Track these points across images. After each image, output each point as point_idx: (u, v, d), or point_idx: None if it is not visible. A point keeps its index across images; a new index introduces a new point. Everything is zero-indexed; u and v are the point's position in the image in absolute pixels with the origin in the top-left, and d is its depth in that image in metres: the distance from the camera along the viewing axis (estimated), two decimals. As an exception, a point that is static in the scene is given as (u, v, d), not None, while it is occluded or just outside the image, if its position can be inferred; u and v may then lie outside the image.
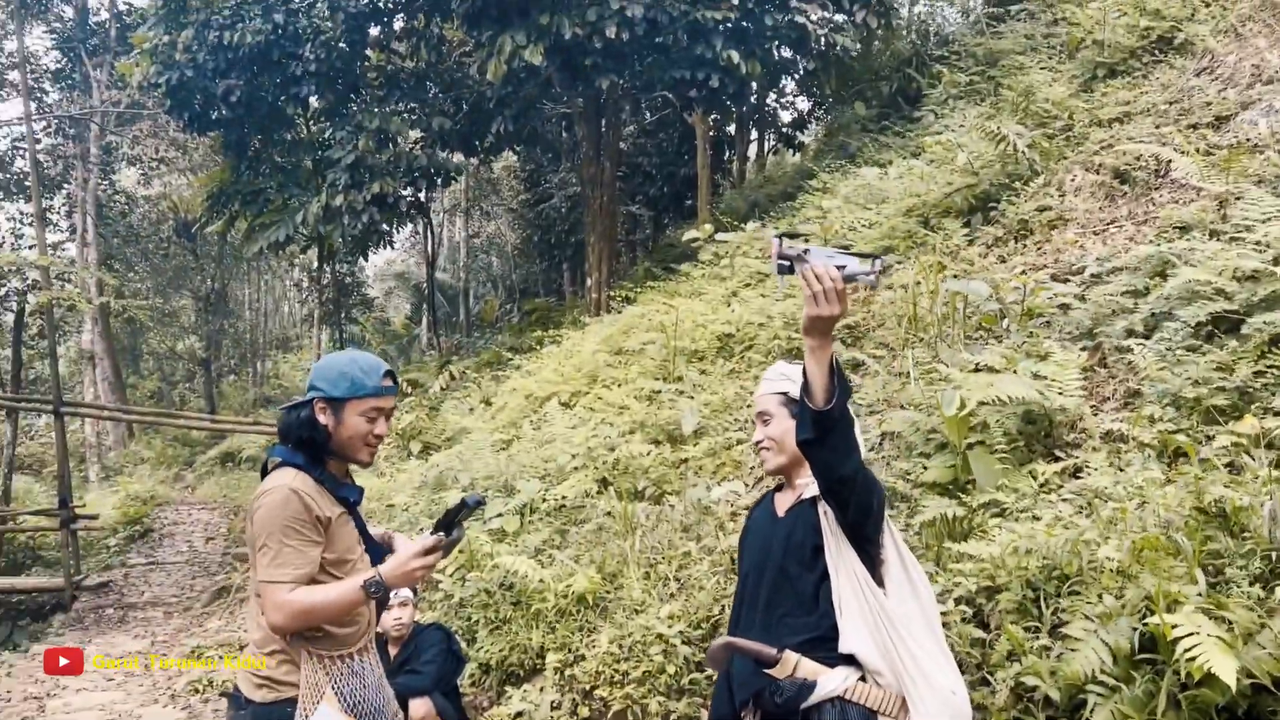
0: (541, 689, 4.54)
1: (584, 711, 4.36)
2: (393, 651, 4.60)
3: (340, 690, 2.44)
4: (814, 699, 2.36)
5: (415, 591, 4.82)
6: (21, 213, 23.14)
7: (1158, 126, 7.07)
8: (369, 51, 15.42)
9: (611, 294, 12.63)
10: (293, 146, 15.82)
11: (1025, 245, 6.78)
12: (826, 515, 2.44)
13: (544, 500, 6.03)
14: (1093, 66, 8.77)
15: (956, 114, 10.45)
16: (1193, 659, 2.40)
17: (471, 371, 13.30)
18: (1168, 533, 2.89)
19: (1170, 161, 5.89)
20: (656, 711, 4.06)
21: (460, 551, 5.73)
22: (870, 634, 2.37)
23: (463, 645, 5.00)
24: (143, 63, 13.95)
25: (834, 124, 16.25)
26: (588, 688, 4.38)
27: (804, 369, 2.25)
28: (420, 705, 4.37)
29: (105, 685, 7.23)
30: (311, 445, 2.53)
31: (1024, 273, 6.15)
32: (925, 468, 4.37)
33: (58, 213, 25.14)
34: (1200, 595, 2.64)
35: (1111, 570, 2.93)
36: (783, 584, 2.49)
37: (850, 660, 2.39)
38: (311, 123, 16.41)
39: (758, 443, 2.65)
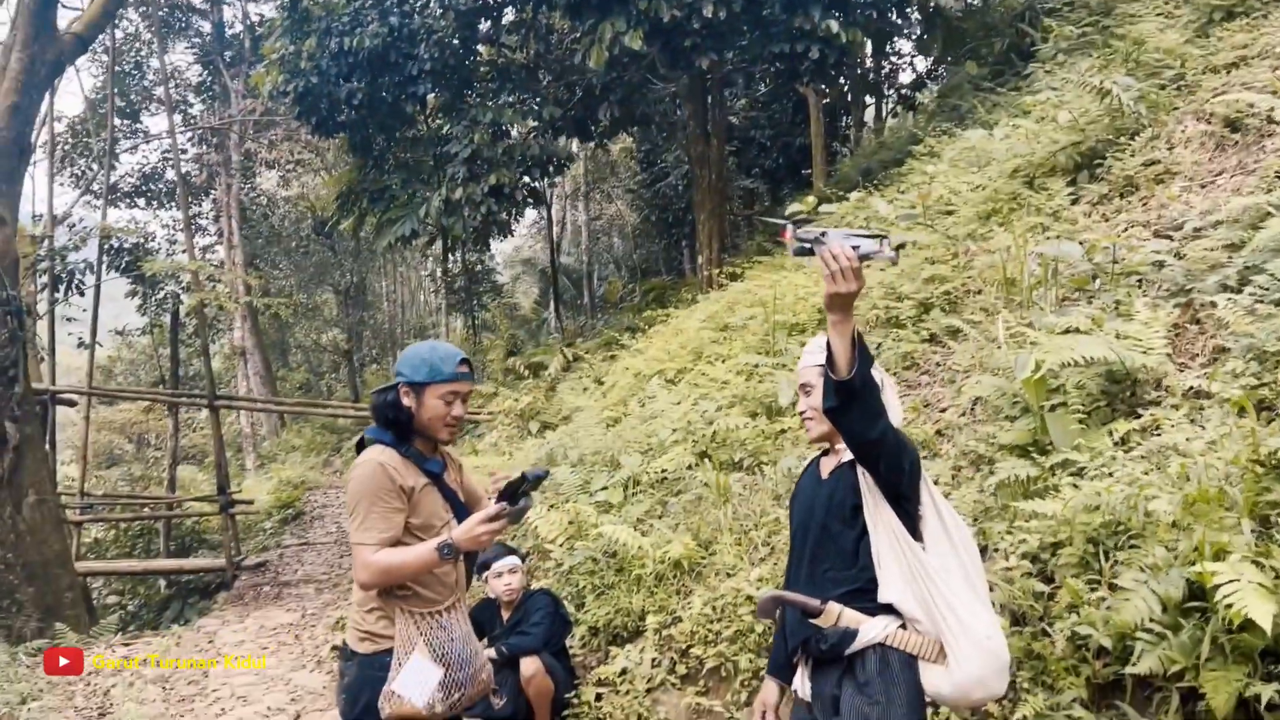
0: (642, 649, 4.83)
1: (681, 669, 4.62)
2: (505, 615, 4.98)
3: (430, 642, 2.77)
4: (857, 645, 2.55)
5: (524, 559, 5.18)
6: (175, 219, 24.83)
7: (1275, 70, 6.80)
8: (480, 47, 15.93)
9: (720, 271, 12.79)
10: (413, 143, 16.51)
11: (1130, 202, 6.63)
12: (865, 476, 2.61)
13: (646, 473, 6.31)
14: (1209, 10, 8.42)
15: (1067, 68, 10.16)
16: (1230, 605, 2.48)
17: (589, 353, 13.69)
18: (1222, 485, 2.93)
19: (1273, 109, 5.69)
20: (746, 668, 4.28)
21: (570, 523, 6.08)
22: (907, 585, 2.54)
23: (570, 609, 5.34)
24: (272, 72, 14.81)
25: (947, 85, 15.91)
26: (684, 647, 4.64)
27: (827, 341, 2.42)
28: (530, 663, 4.72)
29: (258, 653, 7.92)
30: (397, 424, 2.86)
31: (1126, 230, 6.05)
32: (1006, 430, 4.44)
33: (206, 217, 26.85)
34: (1248, 545, 2.69)
35: (1167, 523, 2.99)
36: (825, 541, 2.68)
37: (890, 610, 2.57)
38: (429, 119, 17.07)
39: (801, 413, 2.83)
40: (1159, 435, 3.86)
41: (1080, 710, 2.92)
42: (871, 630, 2.55)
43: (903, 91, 19.32)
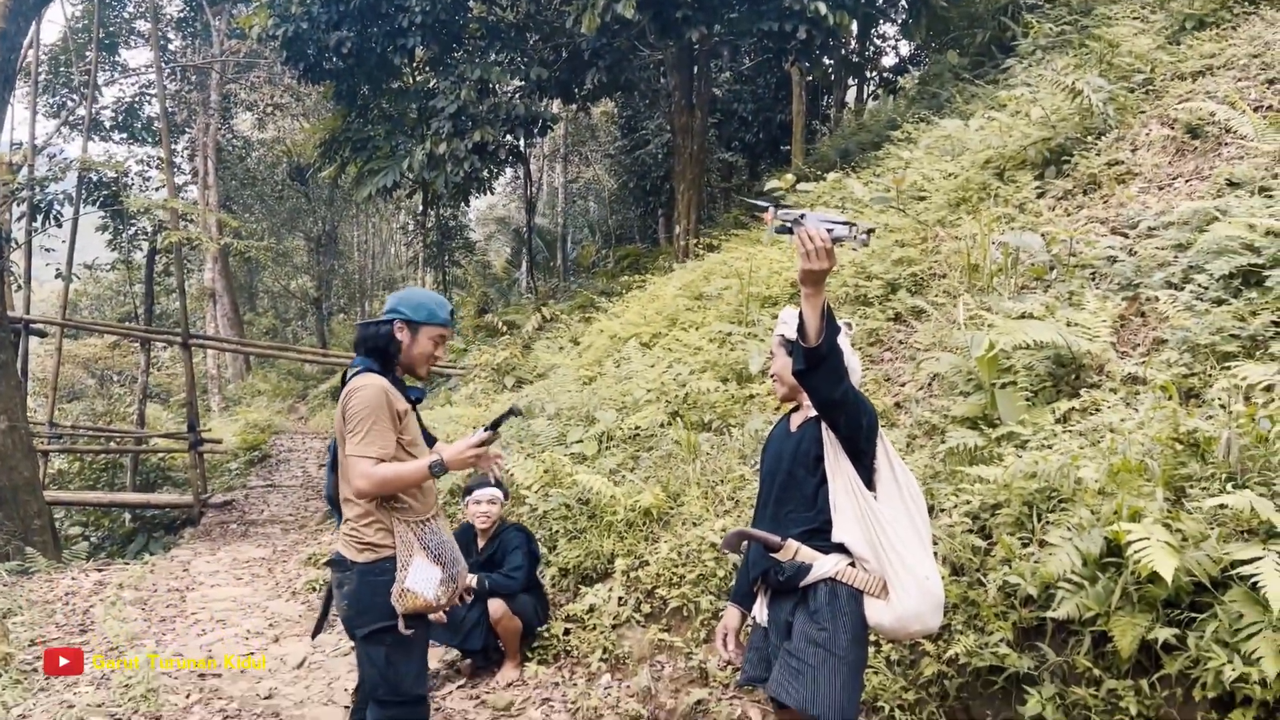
0: (610, 589, 5.17)
1: (646, 608, 4.97)
2: (480, 543, 5.34)
3: (427, 545, 3.14)
4: (810, 579, 2.89)
5: (506, 494, 5.49)
6: (150, 156, 24.58)
7: (1238, 81, 7.15)
8: (471, 3, 15.97)
9: (698, 241, 13.07)
10: (399, 96, 16.54)
11: (1092, 199, 6.98)
12: (827, 431, 2.94)
13: (620, 429, 6.63)
14: (1182, 18, 8.76)
15: (1044, 65, 10.48)
16: (1140, 560, 2.83)
17: (564, 314, 13.94)
18: (1144, 459, 3.29)
19: (1230, 120, 6.05)
20: (707, 608, 4.63)
21: (546, 471, 6.39)
22: (859, 528, 2.88)
23: (543, 550, 5.67)
24: (261, 14, 14.77)
25: (928, 72, 16.22)
26: (650, 588, 4.99)
27: (799, 312, 2.73)
28: (496, 605, 5.04)
29: (234, 582, 8.18)
30: (385, 355, 3.19)
31: (1086, 225, 6.41)
32: (959, 404, 4.79)
33: (180, 156, 26.61)
34: (1160, 510, 3.05)
35: (1094, 490, 3.35)
36: (790, 486, 3.01)
37: (841, 549, 2.90)
38: (417, 73, 17.11)
39: (772, 374, 3.16)
40: (1097, 415, 4.22)
41: (1006, 649, 3.28)
42: (824, 566, 2.89)
43: (885, 75, 19.60)
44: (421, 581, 3.07)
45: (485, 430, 3.13)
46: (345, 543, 3.21)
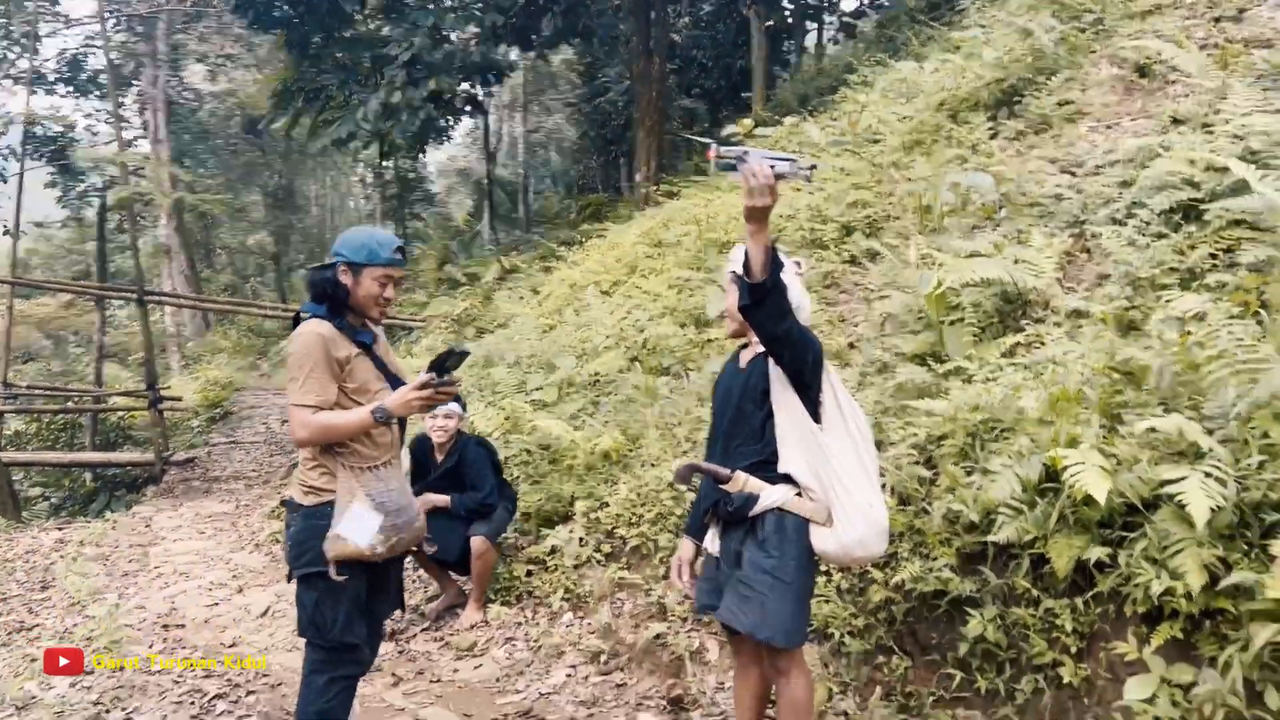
0: (571, 530, 5.24)
1: (606, 548, 5.06)
2: (439, 456, 5.39)
3: (370, 492, 3.08)
4: (759, 509, 2.96)
5: (465, 407, 5.52)
6: (98, 110, 23.99)
7: (1186, 19, 7.22)
8: (424, -53, 15.66)
9: (658, 188, 13.04)
10: (352, 44, 16.22)
11: (1043, 138, 7.05)
12: (774, 366, 2.99)
13: (579, 375, 6.68)
14: (1133, -44, 8.77)
15: (999, 5, 10.49)
16: (1075, 484, 2.94)
17: (525, 264, 13.90)
18: (1082, 388, 3.39)
19: (1175, 58, 6.12)
20: (665, 546, 4.73)
21: (507, 418, 6.43)
22: (805, 459, 2.95)
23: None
24: (207, -39, 14.43)
25: (886, 15, 16.17)
26: (609, 528, 5.07)
27: (745, 249, 2.77)
28: (480, 543, 5.11)
29: (197, 536, 8.19)
30: (333, 300, 3.14)
31: (1037, 165, 6.48)
32: (909, 341, 4.88)
33: (129, 109, 25.98)
34: (1096, 436, 3.15)
35: (1034, 419, 3.45)
36: (739, 420, 3.07)
37: (788, 480, 2.97)
38: (369, 20, 16.78)
39: (722, 312, 3.20)
40: (1042, 349, 4.33)
41: (949, 574, 3.39)
42: (772, 496, 2.96)
43: (844, 19, 19.50)
44: (354, 529, 3.03)
45: (426, 374, 3.05)
46: (295, 485, 3.22)
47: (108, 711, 4.10)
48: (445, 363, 3.07)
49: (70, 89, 22.68)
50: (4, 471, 12.22)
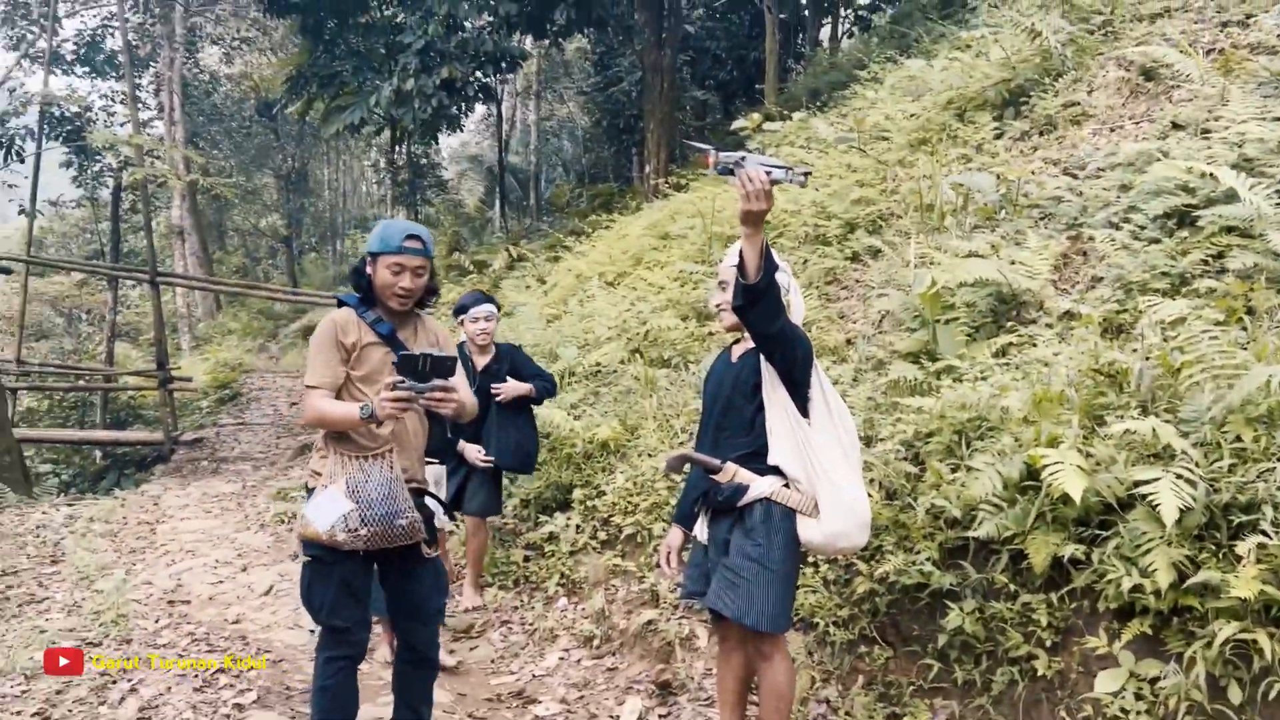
0: (569, 518, 5.35)
1: (602, 535, 5.17)
2: (480, 361, 5.41)
3: (350, 481, 3.10)
4: (747, 499, 3.07)
5: (498, 307, 5.56)
6: (114, 90, 24.13)
7: (1194, 23, 7.25)
8: (439, -65, 15.71)
9: (667, 180, 13.10)
10: (367, 31, 16.33)
11: (1048, 140, 7.10)
12: (765, 361, 3.09)
13: (581, 365, 6.77)
14: (1143, -41, 8.78)
15: (1011, 5, 10.51)
16: (1052, 483, 3.02)
17: (533, 253, 13.99)
18: (1065, 389, 3.47)
19: (1179, 64, 6.17)
20: (659, 534, 4.82)
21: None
22: (793, 452, 3.05)
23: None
24: (224, -54, 14.53)
25: (899, 11, 16.18)
26: (606, 516, 5.18)
27: (739, 251, 2.86)
28: (474, 523, 5.18)
29: (204, 515, 8.33)
30: (362, 289, 3.23)
31: (1040, 166, 6.54)
32: (904, 339, 4.96)
33: (145, 91, 26.14)
34: (1076, 436, 3.23)
35: (1019, 419, 3.53)
36: (729, 412, 3.17)
37: (776, 471, 3.07)
38: (384, 7, 16.87)
39: (718, 305, 3.29)
40: (1033, 349, 4.40)
41: (931, 568, 3.48)
42: (760, 487, 3.06)
43: (859, 12, 19.48)
44: (318, 511, 3.06)
45: (398, 375, 2.96)
46: (310, 470, 3.33)
47: (114, 682, 4.21)
48: (418, 366, 2.94)
49: (87, 69, 22.86)
50: (17, 448, 12.37)
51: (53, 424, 16.91)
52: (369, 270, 3.22)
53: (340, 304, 3.28)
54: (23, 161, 14.53)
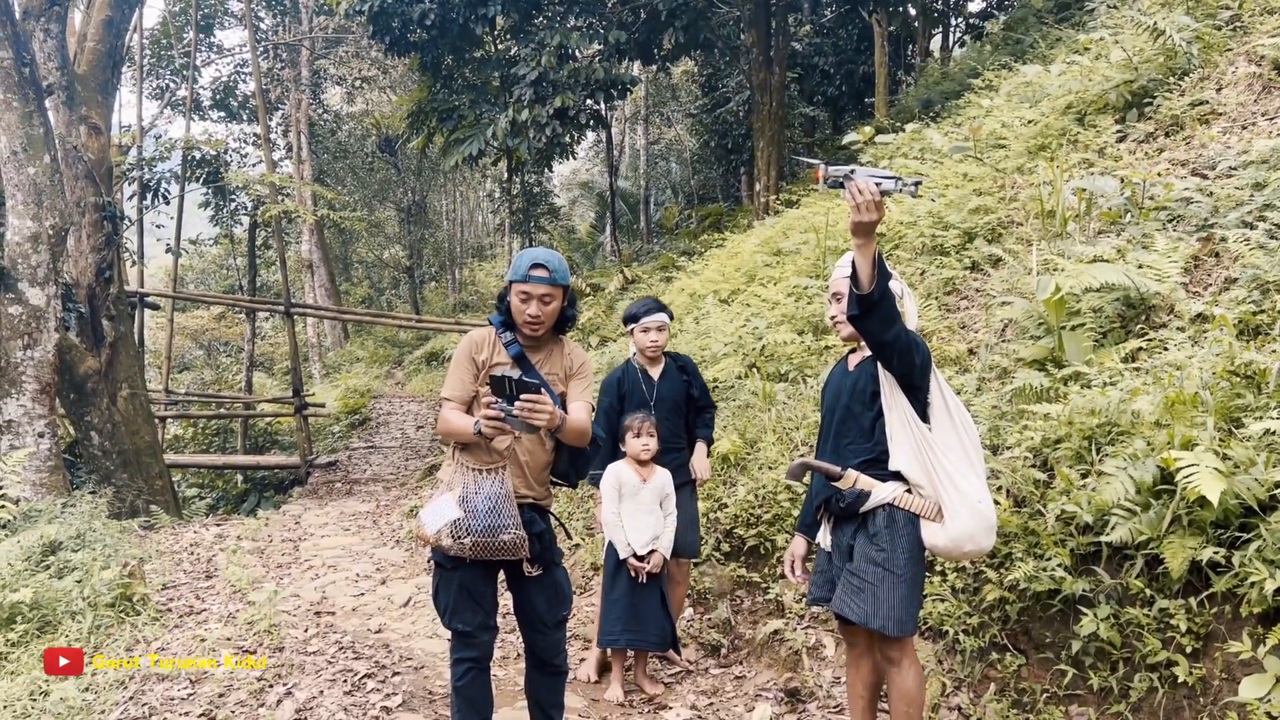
0: (691, 531, 5.42)
1: (725, 547, 5.24)
2: (654, 371, 4.93)
3: (464, 491, 3.26)
4: (869, 505, 3.11)
5: (671, 316, 5.04)
6: (246, 133, 25.52)
7: (1331, 13, 6.97)
8: (549, -31, 16.16)
9: (778, 198, 13.14)
10: (482, 65, 16.88)
11: (1174, 140, 6.91)
12: (882, 369, 3.13)
13: (699, 381, 6.86)
14: (1274, -51, 8.46)
15: (1130, 5, 10.24)
16: (1189, 485, 2.97)
17: (646, 274, 14.20)
18: (1199, 391, 3.40)
19: (1313, 54, 5.94)
20: (782, 546, 4.88)
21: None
22: (914, 457, 3.08)
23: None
24: (347, -9, 15.25)
25: (1012, 17, 15.88)
26: (728, 528, 5.25)
27: (853, 261, 2.92)
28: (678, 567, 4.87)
29: (342, 532, 8.73)
30: (504, 313, 3.40)
31: (1167, 168, 6.37)
32: (1028, 347, 4.90)
33: (275, 132, 27.55)
34: (1211, 439, 3.17)
35: (1150, 422, 3.48)
36: (848, 420, 3.23)
37: (898, 477, 3.11)
38: (498, 41, 17.42)
39: (833, 317, 3.36)
40: (1165, 354, 4.30)
41: (1063, 574, 3.45)
42: (882, 493, 3.10)
43: (971, 21, 19.18)
44: (430, 515, 3.24)
45: (491, 395, 3.04)
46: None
47: (270, 686, 4.48)
48: (505, 389, 2.99)
49: (223, 114, 24.24)
50: (167, 472, 13.16)
51: (197, 449, 17.91)
52: (509, 297, 3.37)
53: (490, 324, 3.47)
54: (168, 203, 15.52)
